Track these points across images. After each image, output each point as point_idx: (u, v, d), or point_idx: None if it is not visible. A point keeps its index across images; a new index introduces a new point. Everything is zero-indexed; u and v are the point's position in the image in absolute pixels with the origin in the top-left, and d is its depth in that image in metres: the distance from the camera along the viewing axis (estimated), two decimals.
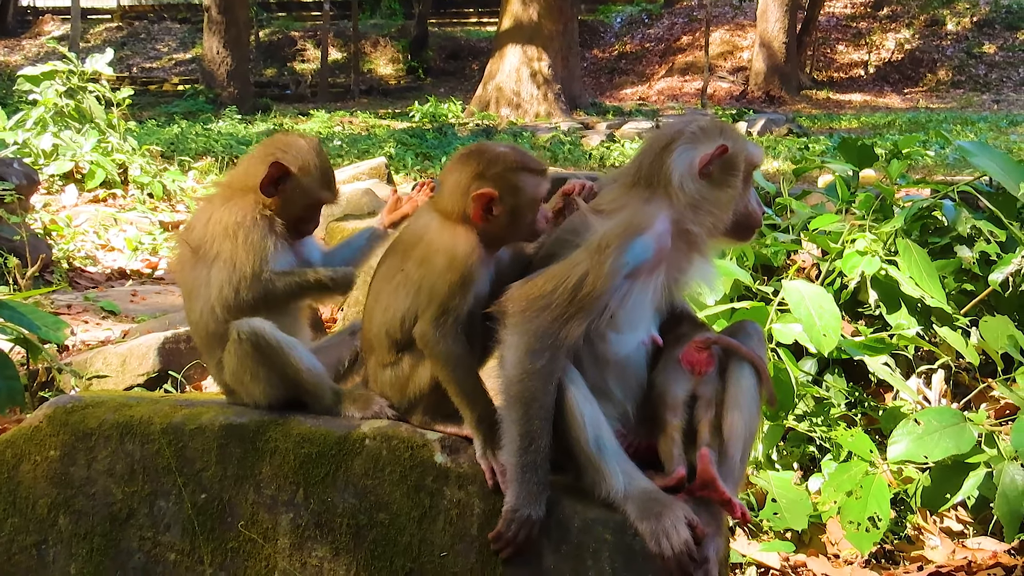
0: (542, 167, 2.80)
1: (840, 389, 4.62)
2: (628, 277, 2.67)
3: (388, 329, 2.79)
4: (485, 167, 2.73)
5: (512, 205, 2.72)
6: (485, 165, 2.74)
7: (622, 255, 2.63)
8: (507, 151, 2.77)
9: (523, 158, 2.77)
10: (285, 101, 30.00)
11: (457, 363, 2.68)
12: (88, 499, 2.98)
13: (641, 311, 2.79)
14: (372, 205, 10.40)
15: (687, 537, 2.49)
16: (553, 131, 21.98)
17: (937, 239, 5.19)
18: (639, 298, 2.74)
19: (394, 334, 2.79)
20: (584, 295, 2.61)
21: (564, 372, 2.62)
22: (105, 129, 12.02)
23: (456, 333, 2.67)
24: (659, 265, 2.74)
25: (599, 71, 35.45)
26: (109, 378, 5.40)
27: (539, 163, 2.81)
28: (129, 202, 11.37)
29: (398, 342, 2.80)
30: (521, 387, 2.58)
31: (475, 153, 2.80)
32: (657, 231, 2.70)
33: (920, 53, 33.11)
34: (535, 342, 2.59)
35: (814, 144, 18.00)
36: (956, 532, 4.25)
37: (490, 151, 2.78)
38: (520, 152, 2.80)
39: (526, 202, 2.74)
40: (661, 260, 2.73)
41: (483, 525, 2.68)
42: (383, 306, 2.81)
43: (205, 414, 2.99)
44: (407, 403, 2.86)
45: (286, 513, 2.83)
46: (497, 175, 2.71)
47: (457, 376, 2.68)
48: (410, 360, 2.80)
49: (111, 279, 8.87)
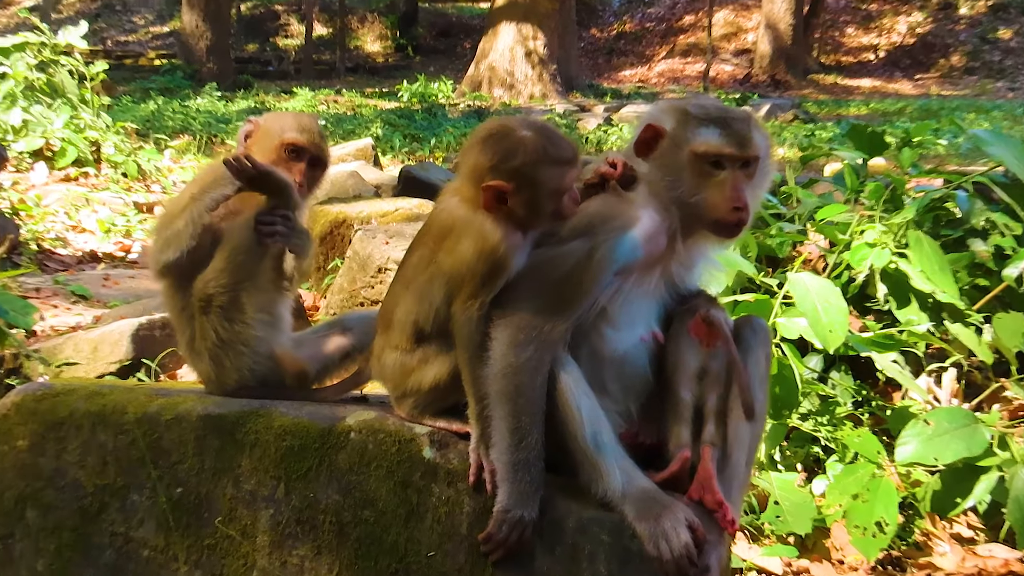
0: (568, 156, 2.68)
1: (847, 387, 4.62)
2: (618, 274, 2.66)
3: (418, 319, 2.77)
4: (501, 159, 2.65)
5: (529, 196, 2.65)
6: (501, 156, 2.65)
7: (609, 253, 2.63)
8: (530, 137, 2.66)
9: (547, 146, 2.65)
10: (267, 78, 29.90)
11: (477, 349, 2.65)
12: (58, 492, 2.96)
13: (638, 306, 2.77)
14: (358, 188, 10.40)
15: (687, 540, 2.48)
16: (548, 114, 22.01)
17: (950, 231, 5.20)
18: (635, 293, 2.73)
19: (424, 324, 2.76)
20: (569, 289, 2.60)
21: (560, 363, 2.61)
22: (78, 105, 11.94)
23: (481, 318, 2.65)
24: (654, 262, 2.73)
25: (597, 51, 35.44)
26: (80, 365, 5.38)
27: (566, 151, 2.67)
28: (102, 181, 11.30)
29: (424, 332, 2.78)
30: (506, 382, 2.57)
31: (495, 138, 2.70)
32: (644, 227, 2.68)
33: (933, 37, 33.16)
34: (519, 334, 2.58)
35: (821, 131, 18.04)
36: (966, 538, 4.27)
37: (511, 137, 2.67)
38: (545, 137, 2.67)
39: (546, 193, 2.66)
40: (654, 256, 2.72)
41: (473, 524, 2.66)
42: (417, 295, 2.77)
43: (182, 404, 2.98)
44: (400, 392, 2.84)
45: (266, 509, 2.82)
46: (513, 169, 2.63)
47: (472, 362, 2.65)
48: (424, 354, 2.78)
49: (82, 262, 8.82)
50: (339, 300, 6.70)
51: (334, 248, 7.56)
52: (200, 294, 3.08)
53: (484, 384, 2.61)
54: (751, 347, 2.83)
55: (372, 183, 11.24)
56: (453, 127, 19.60)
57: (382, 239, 6.61)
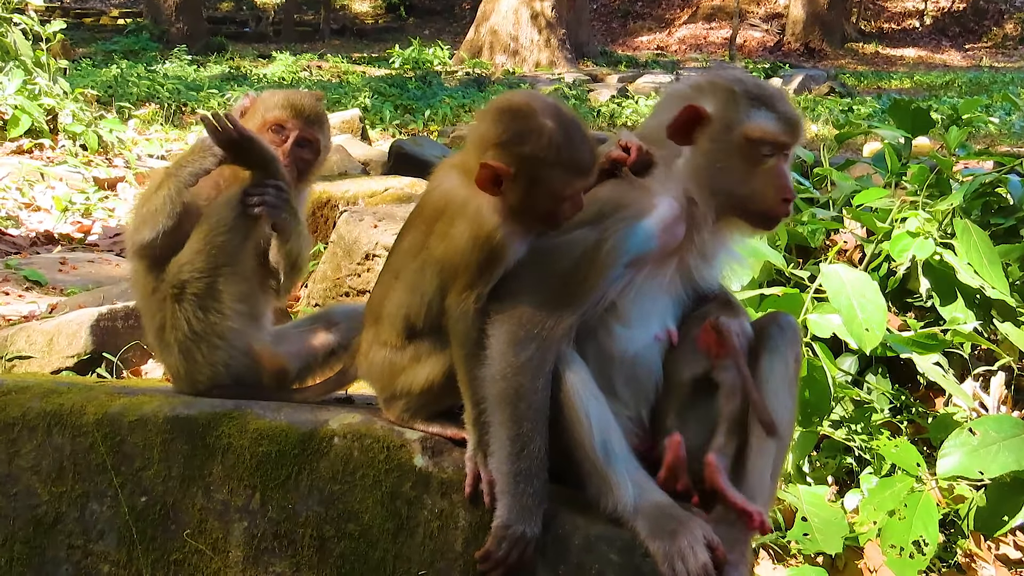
0: (583, 164, 2.61)
1: (884, 392, 4.63)
2: (629, 267, 2.67)
3: (409, 312, 2.78)
4: (510, 139, 2.60)
5: (526, 190, 2.62)
6: (511, 137, 2.60)
7: (620, 243, 2.64)
8: (549, 128, 2.59)
9: (563, 146, 2.58)
10: (243, 40, 29.91)
11: (473, 347, 2.66)
12: (8, 500, 2.97)
13: (652, 302, 2.78)
14: (343, 164, 10.38)
15: (706, 560, 2.48)
16: (556, 84, 22.00)
17: (1001, 220, 5.20)
18: (648, 288, 2.74)
19: (415, 319, 2.77)
20: (575, 281, 2.61)
21: (566, 363, 2.62)
22: (32, 69, 11.95)
23: (478, 312, 2.65)
24: (669, 253, 2.74)
25: (611, 14, 35.39)
26: (33, 359, 5.39)
27: (583, 158, 2.61)
28: (59, 154, 11.32)
29: (415, 328, 2.78)
30: (506, 384, 2.58)
31: (512, 114, 2.65)
32: (661, 215, 2.69)
33: (985, 3, 33.11)
34: (519, 331, 2.59)
35: (859, 106, 18.01)
36: (1013, 560, 4.28)
37: (530, 120, 2.60)
38: (566, 134, 2.59)
39: (545, 194, 2.63)
40: (670, 248, 2.73)
41: (469, 540, 2.67)
42: (408, 285, 2.78)
43: (147, 404, 2.99)
44: (389, 394, 2.85)
45: (240, 521, 2.83)
46: (519, 155, 2.59)
47: (469, 362, 2.66)
48: (416, 351, 2.79)
49: (36, 244, 8.83)
50: (322, 289, 6.71)
51: (317, 232, 7.56)
52: (174, 279, 3.08)
53: (481, 386, 2.61)
54: (778, 347, 2.82)
55: (359, 159, 11.25)
56: (450, 97, 19.61)
57: (370, 222, 6.62)
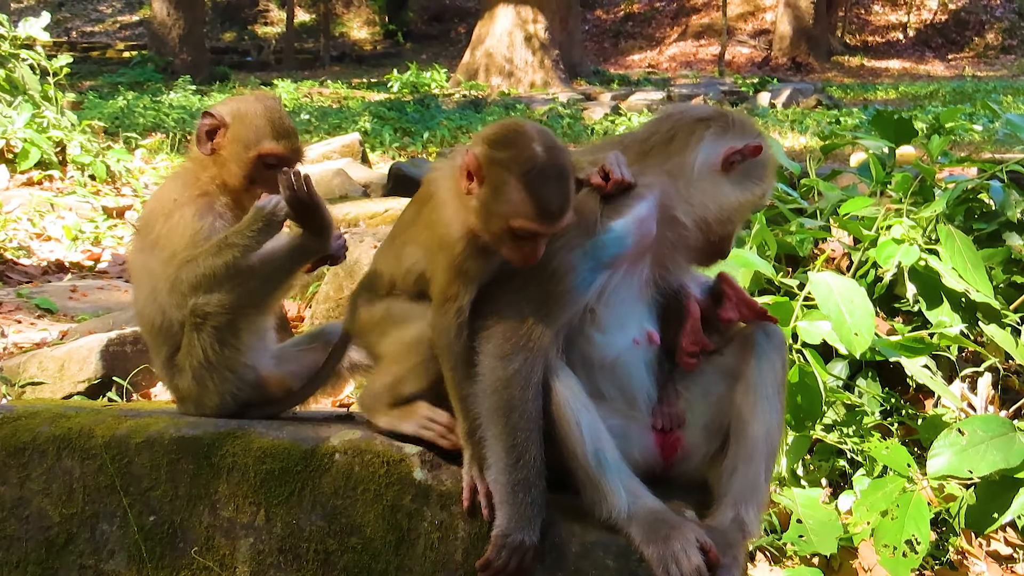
0: (546, 211, 2.50)
1: (874, 395, 4.63)
2: (605, 267, 2.68)
3: (394, 274, 2.88)
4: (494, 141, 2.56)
5: (486, 202, 2.55)
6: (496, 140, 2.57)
7: (597, 243, 2.66)
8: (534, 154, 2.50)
9: (536, 180, 2.49)
10: (246, 69, 29.98)
11: (458, 361, 2.66)
12: (21, 523, 2.98)
13: (629, 306, 2.80)
14: (344, 187, 10.41)
15: (699, 564, 2.49)
16: (551, 103, 22.01)
17: (984, 225, 5.21)
18: (622, 292, 2.76)
19: (400, 283, 2.87)
20: (555, 288, 2.62)
21: (555, 373, 2.62)
22: (40, 102, 11.96)
23: (460, 326, 2.65)
24: (643, 254, 2.76)
25: (603, 35, 35.48)
26: (45, 385, 5.39)
27: (548, 204, 2.50)
28: (68, 185, 11.33)
29: (394, 288, 2.88)
30: (496, 397, 2.58)
31: (511, 127, 2.62)
32: (638, 214, 2.71)
33: (966, 14, 33.17)
34: (505, 344, 2.59)
35: (846, 117, 18.06)
36: (1004, 556, 4.28)
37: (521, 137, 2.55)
38: (547, 173, 2.50)
39: (500, 216, 2.53)
40: (645, 248, 2.75)
41: (469, 551, 2.68)
42: (395, 253, 2.89)
43: (153, 425, 2.99)
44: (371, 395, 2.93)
45: (246, 537, 2.84)
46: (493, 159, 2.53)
47: (456, 376, 2.66)
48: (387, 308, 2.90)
49: (47, 273, 8.85)
50: (325, 309, 6.71)
51: None
52: (197, 308, 2.98)
53: (474, 402, 2.62)
54: (765, 353, 2.84)
55: (360, 182, 11.28)
56: (448, 119, 19.63)
57: (371, 243, 6.63)
